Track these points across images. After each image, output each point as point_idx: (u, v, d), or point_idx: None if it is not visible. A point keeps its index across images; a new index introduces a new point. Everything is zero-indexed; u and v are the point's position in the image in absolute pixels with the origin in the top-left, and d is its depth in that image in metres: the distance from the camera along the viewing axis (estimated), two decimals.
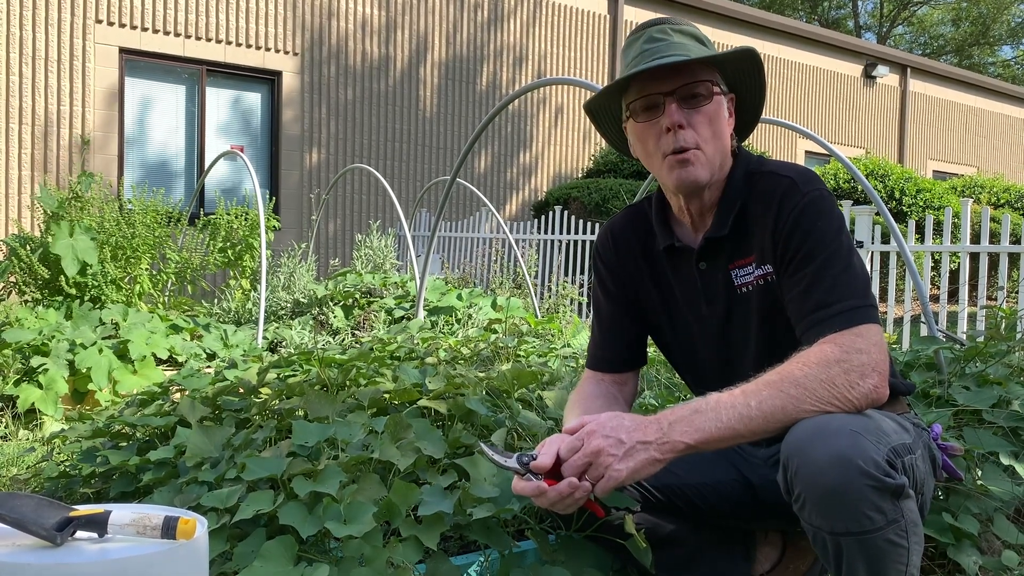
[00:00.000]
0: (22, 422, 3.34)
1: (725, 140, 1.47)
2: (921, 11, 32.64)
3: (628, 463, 1.23)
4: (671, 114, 1.41)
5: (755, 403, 1.24)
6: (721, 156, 1.47)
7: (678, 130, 1.41)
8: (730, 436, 1.24)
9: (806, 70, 13.90)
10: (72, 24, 7.73)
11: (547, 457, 1.30)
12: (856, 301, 1.32)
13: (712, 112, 1.43)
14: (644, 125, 1.45)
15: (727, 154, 1.49)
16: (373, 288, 5.50)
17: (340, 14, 9.28)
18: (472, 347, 3.28)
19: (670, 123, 1.41)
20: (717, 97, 1.44)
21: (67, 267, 4.44)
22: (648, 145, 1.46)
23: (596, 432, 1.25)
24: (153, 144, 8.39)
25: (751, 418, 1.23)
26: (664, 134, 1.43)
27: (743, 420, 1.23)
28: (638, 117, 1.46)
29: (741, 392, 1.26)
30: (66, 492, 2.11)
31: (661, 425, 1.25)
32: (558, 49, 11.10)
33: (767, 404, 1.24)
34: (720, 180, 1.49)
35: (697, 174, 1.43)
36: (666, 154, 1.43)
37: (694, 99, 1.42)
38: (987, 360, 2.39)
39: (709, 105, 1.43)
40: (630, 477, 1.23)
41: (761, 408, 1.23)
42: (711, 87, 1.43)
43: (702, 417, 1.24)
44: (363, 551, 1.41)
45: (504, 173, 10.72)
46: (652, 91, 1.43)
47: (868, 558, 1.19)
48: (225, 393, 2.32)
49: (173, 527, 1.03)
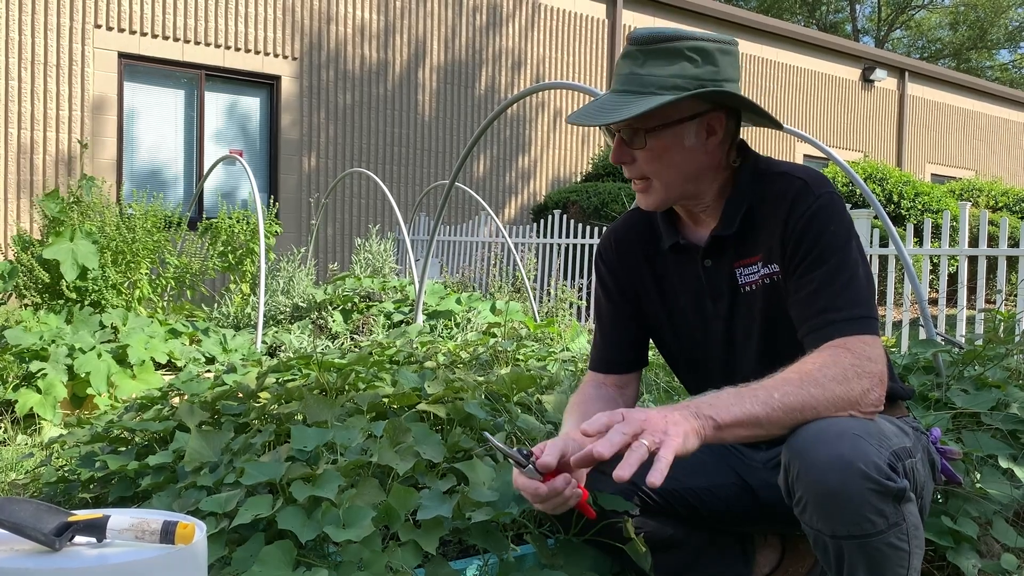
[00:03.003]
0: (20, 427, 3.34)
1: (690, 165, 1.45)
2: (919, 15, 32.73)
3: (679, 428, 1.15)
4: (615, 151, 1.47)
5: (778, 395, 1.23)
6: (683, 179, 1.46)
7: (624, 164, 1.48)
8: (752, 422, 1.21)
9: (804, 74, 13.92)
10: (71, 29, 7.74)
11: (551, 457, 1.30)
12: (863, 311, 1.33)
13: (659, 147, 1.43)
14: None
15: (706, 170, 1.47)
16: (372, 292, 5.50)
17: (338, 19, 9.30)
18: (471, 351, 3.27)
19: (614, 160, 1.48)
20: (670, 129, 1.42)
21: (66, 272, 4.44)
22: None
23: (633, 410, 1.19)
24: (152, 149, 8.40)
25: (773, 408, 1.22)
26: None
27: (766, 408, 1.21)
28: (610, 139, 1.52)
29: (761, 386, 1.25)
30: (65, 497, 2.11)
31: (687, 406, 1.21)
32: (556, 53, 11.11)
33: (789, 398, 1.23)
34: (710, 188, 1.49)
35: (650, 202, 1.50)
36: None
37: (636, 137, 1.44)
38: (985, 363, 2.39)
39: (656, 142, 1.43)
40: (683, 444, 1.15)
41: (784, 400, 1.23)
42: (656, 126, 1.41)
43: (725, 401, 1.22)
44: (362, 555, 1.41)
45: (503, 177, 10.73)
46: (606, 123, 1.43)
47: (869, 561, 1.19)
48: (224, 398, 2.32)
49: (172, 532, 1.03)
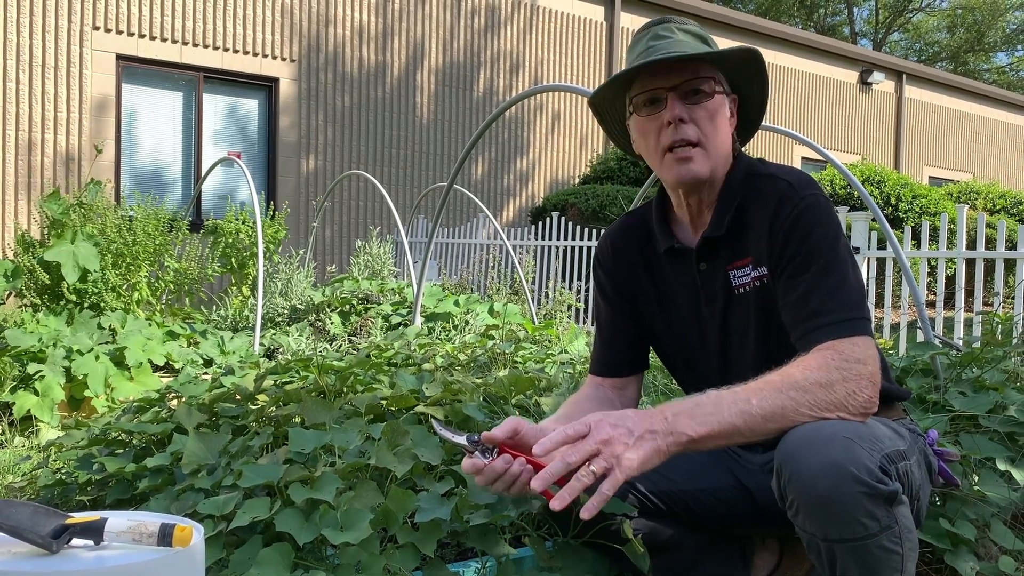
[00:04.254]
0: (18, 429, 3.33)
1: (726, 138, 1.49)
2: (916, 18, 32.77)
3: (639, 452, 1.18)
4: (673, 108, 1.43)
5: (756, 401, 1.23)
6: (722, 153, 1.48)
7: (679, 124, 1.43)
8: (730, 432, 1.22)
9: (802, 76, 13.94)
10: (69, 31, 7.73)
11: (499, 431, 1.30)
12: (853, 312, 1.33)
13: (713, 108, 1.45)
14: (646, 119, 1.47)
15: (728, 153, 1.51)
16: (370, 294, 5.50)
17: (336, 21, 9.30)
18: (469, 353, 3.27)
19: (671, 117, 1.43)
20: (718, 95, 1.47)
21: (67, 274, 4.44)
22: (649, 140, 1.49)
23: (603, 421, 1.20)
24: (150, 151, 8.39)
25: (751, 415, 1.22)
26: (665, 128, 1.45)
27: (743, 416, 1.22)
28: (641, 111, 1.48)
29: (743, 389, 1.25)
30: (62, 499, 2.10)
31: (665, 415, 1.22)
32: (554, 56, 11.12)
33: (768, 403, 1.23)
34: (720, 179, 1.50)
35: (697, 170, 1.44)
36: (666, 148, 1.45)
37: (696, 95, 1.44)
38: (983, 365, 2.39)
39: (710, 102, 1.45)
40: (640, 467, 1.18)
41: (762, 406, 1.23)
42: (713, 84, 1.45)
43: (703, 411, 1.22)
44: (360, 558, 1.40)
45: (501, 179, 10.73)
46: (655, 86, 1.45)
47: (862, 564, 1.19)
48: (222, 400, 2.32)
49: (169, 534, 1.03)
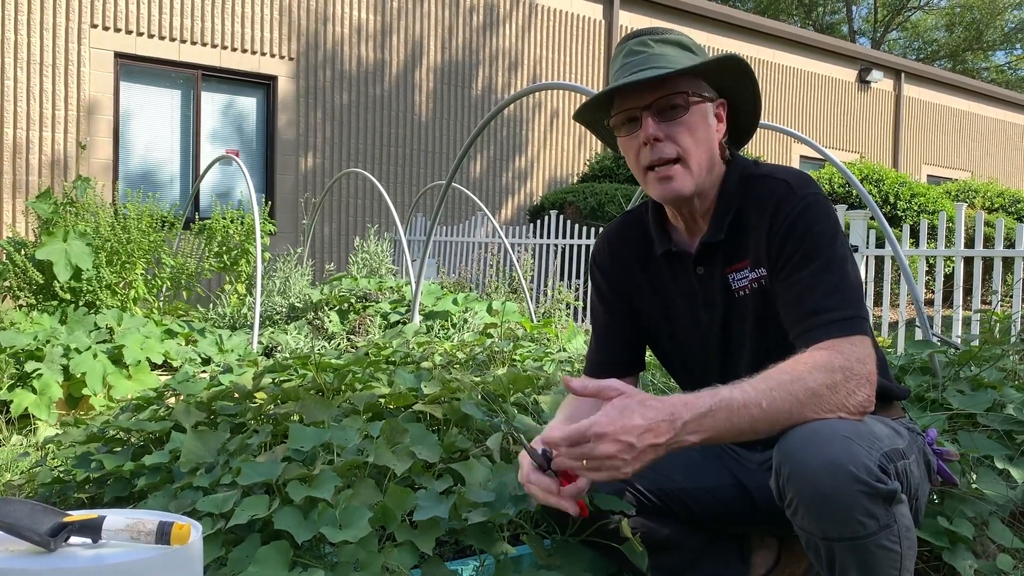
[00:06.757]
0: (16, 427, 3.33)
1: (711, 147, 1.47)
2: (915, 16, 32.78)
3: (635, 465, 1.20)
4: (647, 128, 1.42)
5: (766, 404, 1.22)
6: (709, 162, 1.47)
7: (655, 143, 1.43)
8: (734, 436, 1.23)
9: (801, 75, 13.94)
10: (67, 28, 7.72)
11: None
12: (852, 311, 1.33)
13: (693, 122, 1.43)
14: (625, 139, 1.48)
15: (716, 160, 1.49)
16: (369, 292, 5.50)
17: (335, 19, 9.29)
18: (468, 351, 3.27)
19: (646, 137, 1.43)
20: (699, 106, 1.44)
21: (59, 272, 4.44)
22: (630, 158, 1.49)
23: (607, 436, 1.19)
24: (147, 149, 8.38)
25: (757, 420, 1.22)
26: (643, 148, 1.44)
27: (752, 422, 1.22)
28: (620, 131, 1.48)
29: (753, 389, 1.23)
30: (60, 498, 2.10)
31: (675, 424, 1.20)
32: (553, 54, 11.11)
33: (776, 406, 1.22)
34: (713, 186, 1.49)
35: (678, 187, 1.44)
36: (646, 168, 1.45)
37: (673, 110, 1.42)
38: (982, 364, 2.39)
39: (687, 116, 1.43)
40: (634, 474, 1.21)
41: (771, 409, 1.22)
42: (687, 97, 1.43)
43: (713, 419, 1.21)
44: (358, 556, 1.40)
45: (499, 177, 10.73)
46: (629, 106, 1.44)
47: (861, 563, 1.19)
48: (220, 398, 2.32)
49: (167, 532, 1.03)
